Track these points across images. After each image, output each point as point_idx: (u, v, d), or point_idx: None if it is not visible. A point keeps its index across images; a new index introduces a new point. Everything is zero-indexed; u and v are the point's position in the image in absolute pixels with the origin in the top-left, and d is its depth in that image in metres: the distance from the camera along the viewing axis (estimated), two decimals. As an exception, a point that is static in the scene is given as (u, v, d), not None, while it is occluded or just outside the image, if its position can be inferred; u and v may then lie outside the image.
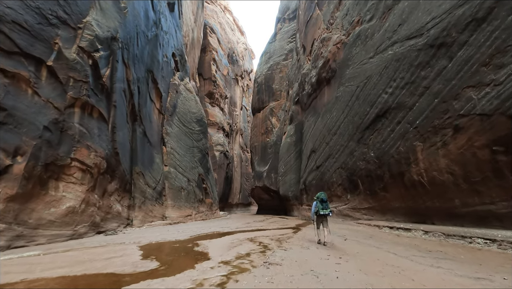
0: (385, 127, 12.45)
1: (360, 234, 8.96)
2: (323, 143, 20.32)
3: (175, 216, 18.71)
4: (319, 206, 6.82)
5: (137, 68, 14.55)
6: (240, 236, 9.96)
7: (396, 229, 9.34)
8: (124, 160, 12.89)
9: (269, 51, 49.08)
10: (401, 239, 7.46)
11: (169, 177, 19.23)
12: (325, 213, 6.77)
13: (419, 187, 10.11)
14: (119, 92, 12.16)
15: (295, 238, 8.50)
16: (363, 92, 15.25)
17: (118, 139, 12.12)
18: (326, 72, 21.60)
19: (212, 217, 26.59)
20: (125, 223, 13.22)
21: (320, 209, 6.79)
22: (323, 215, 6.84)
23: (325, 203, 6.87)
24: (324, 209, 6.79)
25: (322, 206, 6.80)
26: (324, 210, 6.77)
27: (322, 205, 6.82)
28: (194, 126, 24.46)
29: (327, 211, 6.77)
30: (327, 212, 6.77)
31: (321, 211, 6.77)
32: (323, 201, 6.89)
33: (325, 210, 6.77)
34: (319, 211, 6.80)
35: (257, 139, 45.99)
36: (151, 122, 17.20)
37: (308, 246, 6.41)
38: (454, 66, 8.72)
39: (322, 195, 6.98)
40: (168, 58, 21.46)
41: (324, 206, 6.81)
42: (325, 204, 6.85)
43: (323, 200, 6.90)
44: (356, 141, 15.28)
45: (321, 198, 6.93)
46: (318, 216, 6.98)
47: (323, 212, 6.76)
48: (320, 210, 6.78)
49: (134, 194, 14.25)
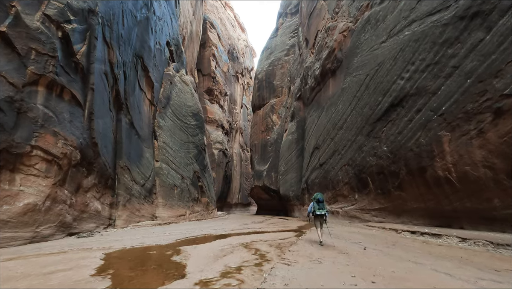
0: (401, 117, 10.93)
1: (378, 240, 7.43)
2: (328, 139, 18.80)
3: (167, 216, 17.20)
4: (315, 206, 6.93)
5: (123, 51, 13.06)
6: (234, 241, 8.45)
7: (420, 234, 7.81)
8: (105, 152, 11.39)
9: (270, 46, 47.61)
10: (433, 248, 5.95)
11: (160, 174, 17.72)
12: (321, 213, 6.86)
13: (445, 184, 8.59)
14: (99, 74, 10.67)
15: (299, 244, 6.99)
16: (373, 81, 13.74)
17: (97, 128, 10.62)
18: (331, 63, 20.09)
19: (208, 217, 25.08)
20: (106, 223, 11.72)
21: (316, 209, 6.89)
22: (319, 215, 6.93)
23: (321, 203, 6.97)
24: (321, 209, 6.88)
25: (319, 206, 6.90)
26: (321, 210, 6.86)
27: (318, 205, 6.91)
28: (189, 120, 22.96)
29: (323, 211, 6.86)
30: (323, 212, 6.87)
31: (317, 211, 6.85)
32: (319, 201, 6.97)
33: (321, 210, 6.86)
34: (316, 211, 6.88)
35: (257, 137, 44.51)
36: (140, 113, 15.71)
37: (319, 258, 4.90)
38: (494, 37, 7.20)
39: (319, 196, 7.08)
40: (162, 47, 19.97)
41: (320, 206, 6.91)
42: (321, 204, 6.95)
43: (319, 200, 6.98)
44: (365, 135, 13.76)
45: (318, 198, 7.03)
46: (315, 216, 7.06)
47: (319, 212, 6.85)
48: (317, 210, 6.87)
49: (117, 190, 12.75)
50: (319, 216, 6.97)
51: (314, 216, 7.04)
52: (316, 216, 7.00)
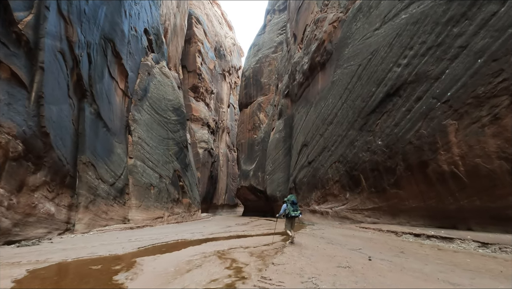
0: (398, 107, 9.93)
1: (379, 245, 6.26)
2: (317, 135, 17.74)
3: (141, 219, 15.53)
4: (289, 208, 6.95)
5: (87, 30, 11.41)
6: (209, 248, 7.08)
7: (426, 237, 6.72)
8: (60, 145, 9.72)
9: (258, 43, 46.48)
10: (452, 256, 4.82)
11: (134, 172, 16.04)
12: (295, 214, 6.92)
13: (450, 180, 7.59)
14: (52, 52, 9.02)
15: (286, 253, 5.70)
16: (366, 71, 12.76)
17: (49, 115, 8.96)
18: (321, 55, 19.08)
19: (190, 219, 23.46)
20: (62, 228, 10.02)
21: (291, 211, 6.92)
22: (293, 216, 6.96)
23: (295, 205, 7.03)
24: (295, 210, 6.94)
25: (293, 208, 6.95)
26: (295, 211, 6.93)
27: (293, 207, 6.96)
28: (170, 115, 21.32)
29: (297, 212, 6.94)
30: (297, 213, 6.95)
31: (292, 213, 6.89)
32: (293, 203, 7.01)
33: (296, 212, 6.93)
34: (290, 212, 6.90)
35: (244, 136, 43.18)
36: (110, 103, 14.02)
37: (314, 276, 3.59)
38: (510, 9, 6.24)
39: (293, 198, 7.11)
40: (139, 34, 18.30)
41: (294, 207, 6.97)
42: (295, 206, 7.01)
43: (293, 202, 7.02)
44: (357, 129, 12.73)
45: (292, 200, 7.05)
46: (288, 217, 7.06)
47: (294, 213, 6.90)
48: (291, 211, 6.90)
49: (78, 190, 11.06)
50: (292, 217, 7.00)
51: (288, 217, 7.03)
52: (290, 218, 7.02)
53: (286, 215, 7.01)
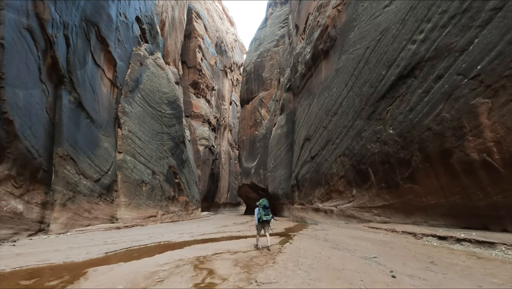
0: (414, 90, 8.62)
1: (397, 251, 5.00)
2: (320, 128, 16.46)
3: (130, 218, 14.44)
4: (261, 212, 6.89)
5: (63, 9, 10.29)
6: (190, 253, 5.92)
7: (455, 240, 5.41)
8: (29, 135, 8.61)
9: (259, 37, 45.18)
10: (501, 268, 3.57)
11: (123, 167, 14.94)
12: (267, 219, 6.82)
13: (481, 171, 6.29)
14: (15, 28, 7.91)
15: (279, 263, 4.42)
16: (375, 53, 11.45)
17: (12, 100, 7.86)
18: (324, 43, 17.76)
19: (187, 218, 22.38)
20: (33, 229, 8.94)
21: (262, 215, 6.84)
22: (265, 221, 6.87)
23: (267, 209, 6.95)
24: (267, 215, 6.85)
25: (265, 212, 6.87)
26: (267, 216, 6.83)
27: (264, 211, 6.89)
28: (164, 108, 20.19)
29: (269, 217, 6.85)
30: (269, 218, 6.85)
31: (264, 217, 6.81)
32: (265, 207, 6.95)
33: (267, 216, 6.83)
34: (262, 217, 6.83)
35: (245, 133, 41.98)
36: (94, 93, 12.91)
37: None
38: None
39: (265, 202, 7.07)
40: (129, 21, 17.17)
41: (266, 212, 6.89)
42: (267, 210, 6.93)
43: (265, 206, 6.97)
44: (365, 119, 11.44)
45: (264, 204, 7.00)
46: (260, 222, 6.97)
47: (266, 218, 6.81)
48: (263, 216, 6.83)
49: (54, 186, 9.97)
50: (265, 221, 6.89)
51: (260, 222, 6.93)
52: (262, 222, 6.92)
53: (259, 219, 6.92)
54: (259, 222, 6.90)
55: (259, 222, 6.89)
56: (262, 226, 6.94)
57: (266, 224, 6.92)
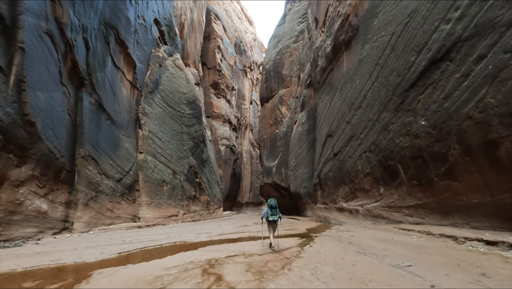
0: (450, 74, 7.65)
1: (436, 259, 4.25)
2: (343, 123, 15.56)
3: (152, 217, 14.61)
4: (268, 212, 6.98)
5: (82, 13, 10.53)
6: (202, 255, 5.61)
7: (508, 247, 4.57)
8: (51, 136, 8.85)
9: (278, 34, 44.43)
10: None
11: (144, 167, 15.16)
12: (274, 219, 6.91)
13: (538, 164, 5.31)
14: (35, 32, 8.13)
15: (295, 270, 3.92)
16: (402, 39, 10.47)
17: (34, 102, 8.08)
18: (345, 33, 16.79)
19: (209, 217, 22.42)
20: (58, 227, 9.20)
21: (269, 215, 6.94)
22: (272, 221, 6.95)
23: (274, 209, 7.02)
24: (273, 215, 6.94)
25: (272, 212, 6.95)
26: (273, 216, 6.92)
27: (271, 211, 6.97)
28: (184, 108, 20.34)
29: (275, 217, 6.93)
30: (275, 218, 6.93)
31: (270, 217, 6.90)
32: (272, 207, 7.02)
33: (274, 216, 6.92)
34: (268, 217, 6.93)
35: (266, 132, 41.52)
36: (115, 94, 13.18)
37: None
38: None
39: (272, 202, 7.15)
40: (148, 24, 17.45)
41: (273, 212, 6.97)
42: (274, 210, 7.00)
43: (272, 206, 7.03)
44: (393, 110, 10.50)
45: (271, 204, 7.08)
46: (268, 222, 7.06)
47: (272, 218, 6.90)
48: (269, 216, 6.92)
49: (77, 186, 10.22)
50: (272, 221, 6.96)
51: (268, 221, 7.03)
52: (269, 222, 7.00)
53: (266, 219, 7.02)
54: (268, 222, 7.05)
55: (268, 222, 7.04)
56: (271, 225, 7.05)
57: (273, 224, 7.05)
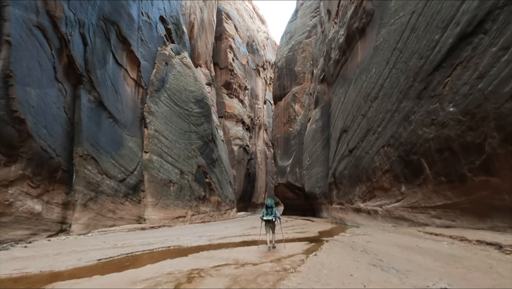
0: (484, 49, 6.42)
1: (479, 276, 3.12)
2: (358, 117, 14.36)
3: (157, 218, 14.13)
4: (263, 212, 6.96)
5: (78, 7, 10.19)
6: (188, 264, 4.85)
7: None
8: (44, 134, 8.49)
9: (290, 30, 43.35)
10: None
11: (150, 167, 14.74)
12: (268, 218, 6.83)
13: None
14: (24, 25, 7.77)
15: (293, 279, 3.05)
16: (424, 17, 9.24)
17: (24, 98, 7.72)
18: (359, 20, 15.55)
19: (220, 218, 21.81)
20: (54, 229, 8.82)
21: (264, 214, 6.88)
22: (267, 220, 6.87)
23: (269, 208, 6.94)
24: (268, 214, 6.86)
25: (267, 212, 6.89)
26: (268, 215, 6.85)
27: (266, 211, 6.91)
28: (191, 107, 19.87)
29: (270, 216, 6.83)
30: (270, 217, 6.83)
31: (265, 217, 6.86)
32: (267, 207, 6.96)
33: (269, 216, 6.84)
34: (263, 216, 6.89)
35: (279, 131, 40.52)
36: (117, 92, 12.83)
37: None
38: None
39: (268, 201, 7.09)
40: (153, 21, 17.12)
41: (268, 211, 6.90)
42: (269, 210, 6.92)
43: (267, 206, 6.98)
44: (414, 98, 9.28)
45: (266, 204, 7.03)
46: (265, 222, 6.97)
47: (267, 217, 6.84)
48: (264, 215, 6.87)
49: (75, 186, 9.85)
50: (268, 221, 6.89)
51: (264, 222, 6.96)
52: (265, 222, 6.93)
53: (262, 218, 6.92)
54: (264, 222, 6.92)
55: (264, 222, 6.91)
56: (268, 225, 6.95)
57: (270, 224, 6.93)
